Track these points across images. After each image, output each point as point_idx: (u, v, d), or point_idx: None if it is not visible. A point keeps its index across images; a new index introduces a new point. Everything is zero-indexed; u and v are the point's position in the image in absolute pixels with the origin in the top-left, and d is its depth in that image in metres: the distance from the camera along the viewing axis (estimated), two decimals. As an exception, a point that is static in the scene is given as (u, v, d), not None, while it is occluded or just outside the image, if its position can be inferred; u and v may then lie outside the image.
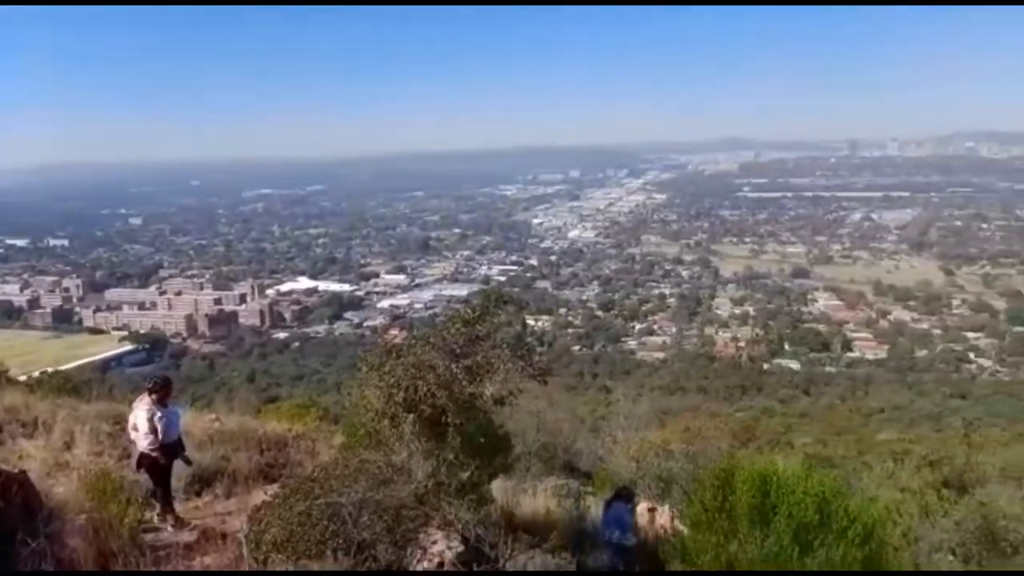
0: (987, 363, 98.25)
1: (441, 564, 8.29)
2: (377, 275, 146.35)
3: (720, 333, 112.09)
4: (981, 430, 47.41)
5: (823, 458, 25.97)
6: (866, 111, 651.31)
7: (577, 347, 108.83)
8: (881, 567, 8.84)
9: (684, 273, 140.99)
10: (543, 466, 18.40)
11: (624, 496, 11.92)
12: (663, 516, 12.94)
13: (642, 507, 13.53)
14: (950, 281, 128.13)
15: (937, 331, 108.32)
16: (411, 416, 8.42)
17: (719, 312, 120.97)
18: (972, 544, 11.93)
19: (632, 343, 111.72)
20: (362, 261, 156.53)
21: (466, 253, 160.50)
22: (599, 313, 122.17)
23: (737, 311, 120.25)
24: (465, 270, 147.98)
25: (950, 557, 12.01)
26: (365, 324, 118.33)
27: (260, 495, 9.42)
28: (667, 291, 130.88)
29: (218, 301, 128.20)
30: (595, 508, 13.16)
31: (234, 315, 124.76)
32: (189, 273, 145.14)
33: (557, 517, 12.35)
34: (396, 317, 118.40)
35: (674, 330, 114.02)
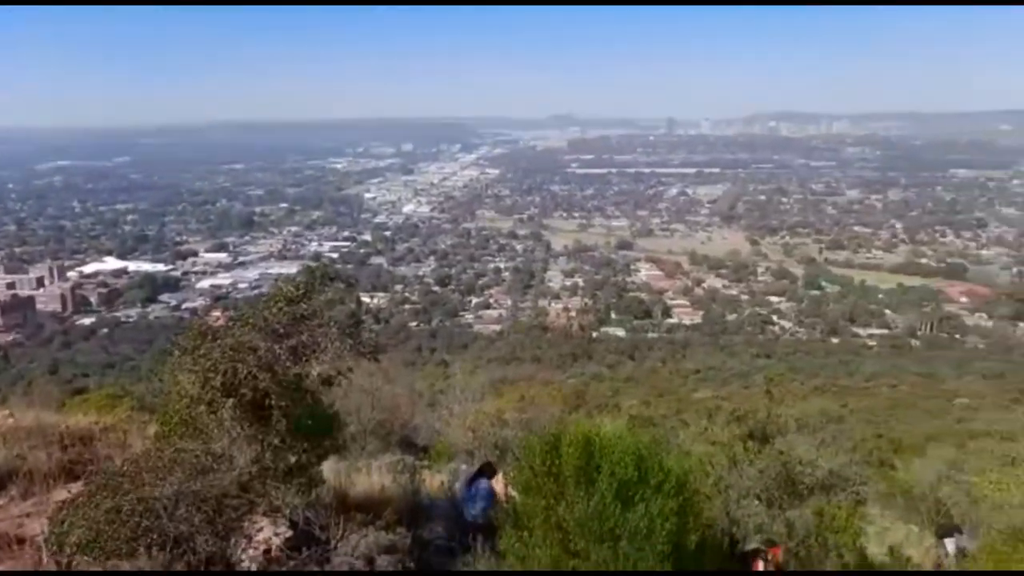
0: (788, 324, 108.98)
1: (268, 551, 7.98)
2: (195, 253, 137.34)
3: (552, 304, 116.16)
4: (782, 385, 52.64)
5: (646, 418, 27.73)
6: (682, 90, 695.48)
7: (414, 323, 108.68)
8: (694, 514, 9.57)
9: (518, 247, 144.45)
10: (379, 443, 18.20)
11: (487, 472, 12.07)
12: (499, 483, 13.22)
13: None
14: (756, 250, 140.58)
15: (745, 297, 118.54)
16: (231, 401, 7.94)
17: (551, 284, 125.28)
18: (774, 489, 13.21)
19: (469, 317, 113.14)
20: (178, 239, 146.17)
21: (294, 229, 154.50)
22: (436, 288, 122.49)
23: (568, 283, 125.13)
24: (294, 247, 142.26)
25: (756, 502, 13.25)
26: (184, 306, 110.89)
27: (62, 494, 8.58)
28: (502, 265, 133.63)
29: (11, 286, 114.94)
30: (430, 481, 13.22)
31: (30, 301, 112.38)
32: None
33: (392, 493, 12.28)
34: (218, 298, 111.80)
35: (509, 303, 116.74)
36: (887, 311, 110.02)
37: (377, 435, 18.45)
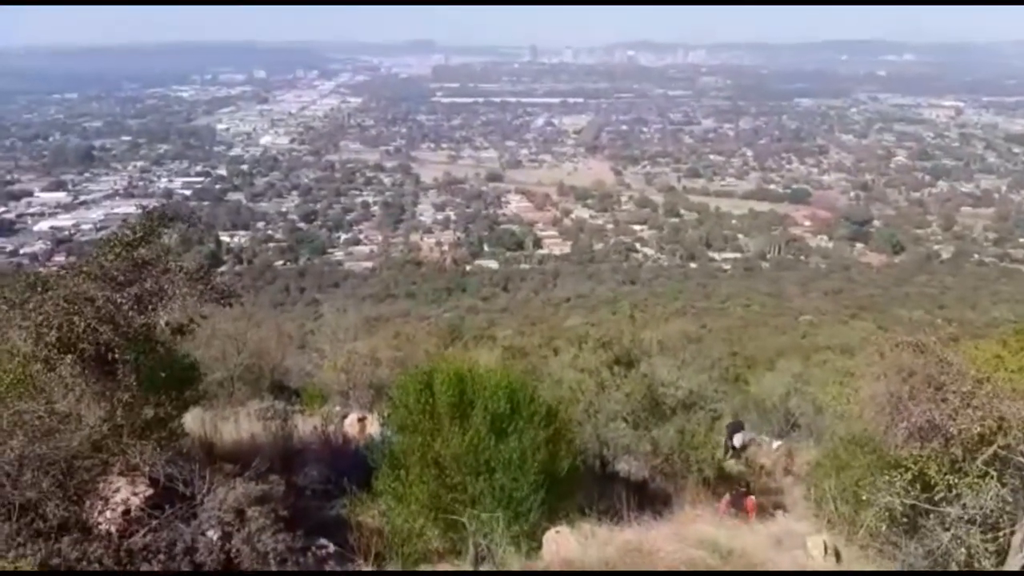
0: (650, 251, 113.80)
1: (127, 512, 7.53)
2: (30, 193, 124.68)
3: (425, 239, 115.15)
4: (646, 310, 55.28)
5: (519, 349, 28.37)
6: (544, 17, 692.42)
7: (280, 262, 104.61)
8: (566, 442, 9.90)
9: (386, 180, 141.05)
10: (249, 389, 17.59)
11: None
12: (372, 424, 13.14)
13: (352, 418, 13.61)
14: (619, 180, 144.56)
15: (610, 226, 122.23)
16: (69, 357, 7.29)
17: (422, 218, 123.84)
18: (640, 411, 13.89)
19: (339, 254, 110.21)
20: (8, 177, 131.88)
21: (140, 164, 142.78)
22: (301, 225, 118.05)
23: (439, 216, 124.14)
24: (141, 184, 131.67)
25: (623, 424, 13.88)
26: (22, 251, 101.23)
27: None
28: (370, 199, 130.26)
29: None
30: (302, 425, 12.94)
31: None
32: None
33: (263, 441, 11.93)
34: (61, 241, 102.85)
35: (380, 238, 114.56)
36: (740, 236, 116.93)
37: (246, 381, 17.82)
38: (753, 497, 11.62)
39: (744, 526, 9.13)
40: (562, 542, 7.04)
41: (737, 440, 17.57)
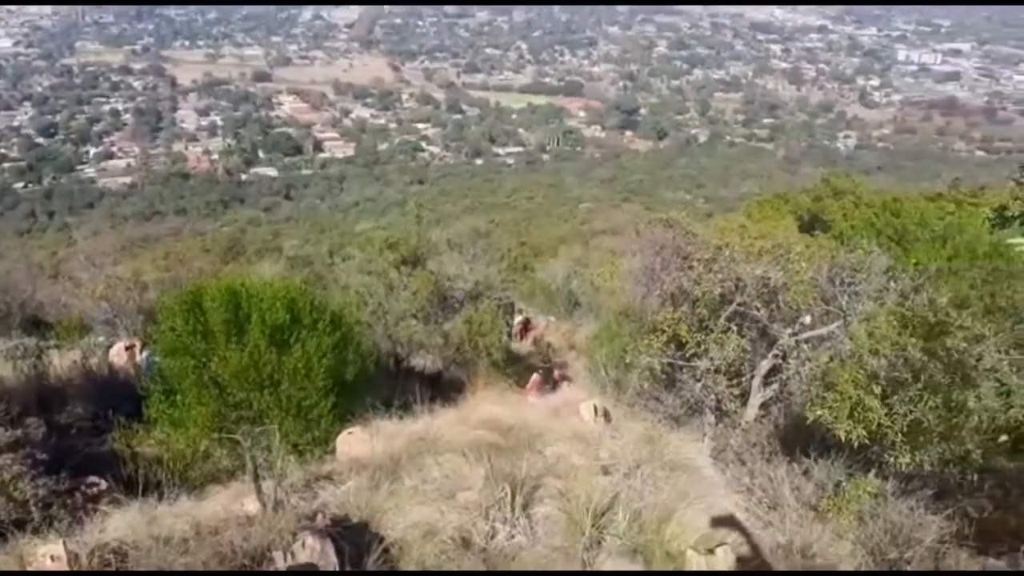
0: (436, 150, 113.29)
1: None
2: None
3: (190, 148, 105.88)
4: (437, 209, 55.57)
5: (304, 258, 27.48)
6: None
7: (21, 184, 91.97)
8: (355, 345, 9.86)
9: (136, 84, 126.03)
10: (-4, 329, 15.55)
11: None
12: (142, 353, 12.25)
13: (118, 347, 12.57)
14: (398, 77, 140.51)
15: (393, 125, 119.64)
16: None
17: (184, 125, 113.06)
18: (429, 308, 14.18)
19: (90, 171, 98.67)
20: None
21: None
22: (40, 140, 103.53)
23: (204, 122, 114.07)
24: None
25: (413, 321, 14.13)
26: None
27: None
28: (120, 107, 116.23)
29: None
30: (60, 361, 11.74)
31: None
32: None
33: (14, 383, 10.70)
34: None
35: (137, 150, 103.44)
36: (520, 130, 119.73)
37: (-12, 321, 15.71)
38: (537, 375, 12.43)
39: (526, 401, 9.79)
40: (353, 443, 7.11)
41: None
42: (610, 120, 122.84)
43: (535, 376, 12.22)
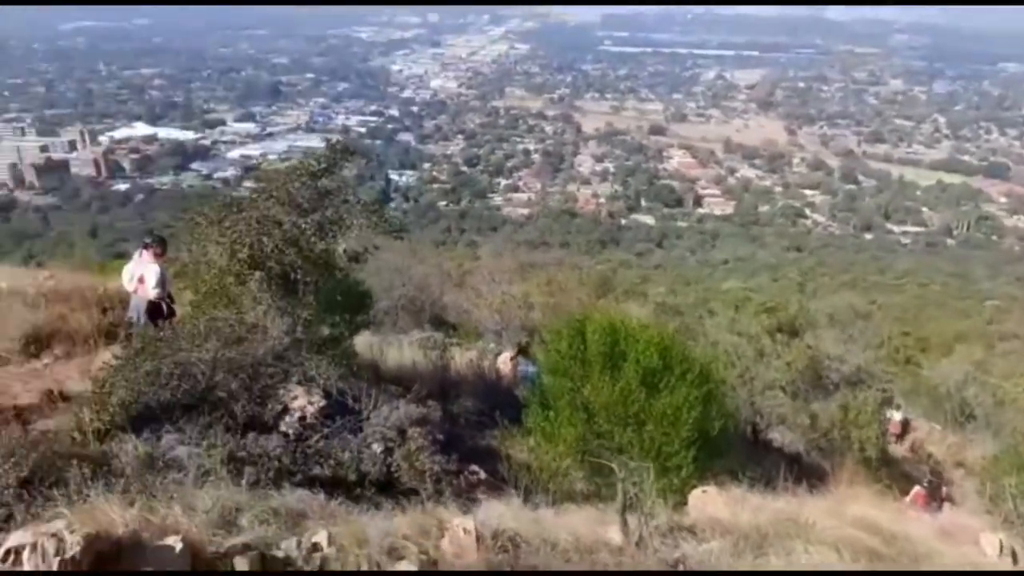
0: (821, 218, 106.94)
1: (303, 418, 8.20)
2: (223, 123, 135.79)
3: (582, 189, 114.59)
4: (814, 280, 52.24)
5: (672, 307, 27.79)
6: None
7: (443, 203, 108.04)
8: (718, 403, 9.66)
9: (548, 128, 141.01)
10: (410, 319, 18.48)
11: (523, 351, 12.84)
12: (506, 364, 13.48)
13: (504, 356, 14.00)
14: (792, 140, 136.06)
15: (779, 188, 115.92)
16: (258, 274, 7.96)
17: (581, 169, 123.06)
18: (800, 383, 13.28)
19: (498, 199, 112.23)
20: (205, 107, 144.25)
21: (321, 101, 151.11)
22: (464, 168, 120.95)
23: (598, 168, 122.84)
24: (321, 119, 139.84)
25: (780, 394, 13.35)
26: (215, 175, 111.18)
27: (104, 355, 8.78)
28: (531, 147, 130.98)
29: (44, 148, 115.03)
30: (459, 358, 13.46)
31: (64, 164, 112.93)
32: (6, 117, 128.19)
33: (423, 368, 12.53)
34: (248, 169, 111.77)
35: (538, 186, 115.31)
36: (924, 208, 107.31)
37: (408, 312, 18.71)
38: (921, 488, 10.82)
39: (907, 513, 8.57)
40: (709, 502, 6.90)
41: (897, 416, 16.52)
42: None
43: (919, 488, 10.67)
